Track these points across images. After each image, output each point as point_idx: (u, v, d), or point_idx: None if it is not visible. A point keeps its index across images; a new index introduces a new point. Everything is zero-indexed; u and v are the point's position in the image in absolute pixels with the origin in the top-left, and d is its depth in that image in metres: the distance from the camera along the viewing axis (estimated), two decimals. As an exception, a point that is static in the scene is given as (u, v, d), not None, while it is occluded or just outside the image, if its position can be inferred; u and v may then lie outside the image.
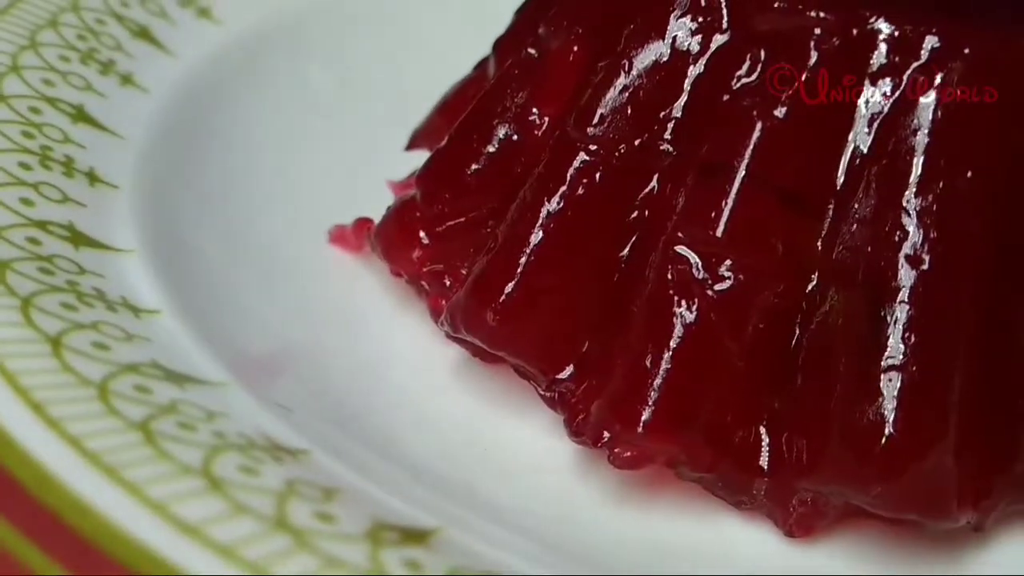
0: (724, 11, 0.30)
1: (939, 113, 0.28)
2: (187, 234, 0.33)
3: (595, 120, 0.31)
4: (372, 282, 0.36)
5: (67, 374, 0.24)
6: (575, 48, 0.33)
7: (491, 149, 0.34)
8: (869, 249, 0.28)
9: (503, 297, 0.31)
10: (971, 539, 0.29)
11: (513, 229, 0.31)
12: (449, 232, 0.34)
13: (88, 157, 0.34)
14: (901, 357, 0.28)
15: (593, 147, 0.31)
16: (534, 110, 0.33)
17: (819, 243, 0.29)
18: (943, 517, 0.28)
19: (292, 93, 0.41)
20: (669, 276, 0.29)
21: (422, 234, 0.34)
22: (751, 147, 0.29)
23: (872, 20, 0.29)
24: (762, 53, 0.30)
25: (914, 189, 0.28)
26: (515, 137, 0.33)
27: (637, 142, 0.31)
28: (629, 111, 0.31)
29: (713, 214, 0.29)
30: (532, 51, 0.34)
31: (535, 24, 0.34)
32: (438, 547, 0.23)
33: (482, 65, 0.37)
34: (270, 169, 0.38)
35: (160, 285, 0.29)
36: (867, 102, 0.29)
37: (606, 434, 0.29)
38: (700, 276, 0.29)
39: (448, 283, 0.33)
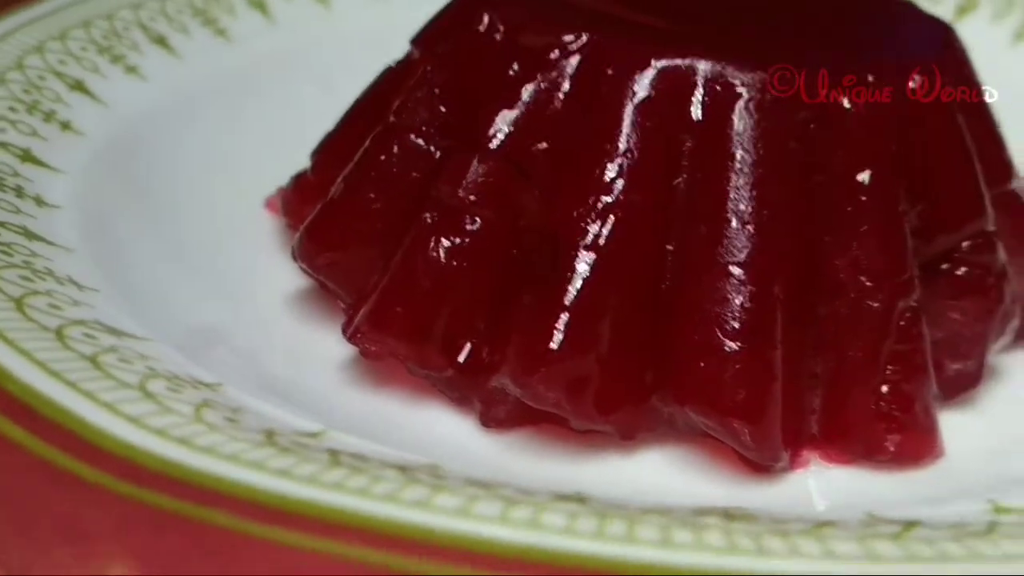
0: (500, 31, 0.40)
1: (620, 109, 0.37)
2: (126, 173, 0.45)
3: (406, 111, 0.41)
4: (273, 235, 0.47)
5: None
6: (417, 60, 0.43)
7: (357, 135, 0.44)
8: (561, 209, 0.37)
9: (323, 236, 0.41)
10: (620, 447, 0.37)
11: (339, 186, 0.42)
12: (324, 194, 0.45)
13: (70, 114, 0.45)
14: (570, 291, 0.36)
15: (401, 131, 0.41)
16: (388, 107, 0.44)
17: (535, 203, 0.38)
18: (581, 414, 0.36)
19: (278, 106, 0.53)
20: (424, 220, 0.39)
21: (309, 196, 0.45)
22: (495, 130, 0.38)
23: (588, 40, 0.38)
24: (520, 64, 0.39)
25: (592, 166, 0.37)
26: (372, 127, 0.44)
27: (430, 128, 0.40)
28: (428, 105, 0.40)
29: (461, 178, 0.38)
30: (396, 64, 0.45)
31: (412, 43, 0.45)
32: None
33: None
34: (225, 159, 0.49)
35: (71, 193, 0.41)
36: (578, 100, 0.37)
37: (359, 334, 0.39)
38: (444, 222, 0.38)
39: (319, 232, 0.44)
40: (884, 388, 0.37)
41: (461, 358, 0.37)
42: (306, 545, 0.24)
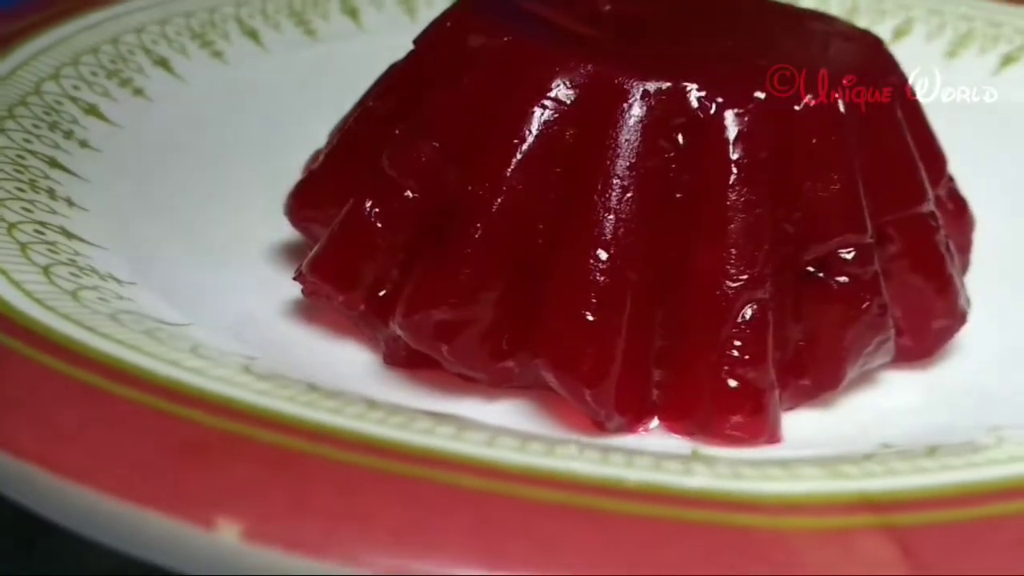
0: (455, 33, 0.46)
1: (520, 103, 0.42)
2: (181, 136, 0.53)
3: (379, 96, 0.48)
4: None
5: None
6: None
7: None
8: (467, 186, 0.43)
9: (302, 196, 0.48)
10: (484, 396, 0.42)
11: (322, 156, 0.49)
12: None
13: (146, 83, 0.55)
14: (455, 252, 0.42)
15: (371, 113, 0.48)
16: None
17: (453, 181, 0.44)
18: (449, 359, 0.41)
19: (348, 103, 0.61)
20: (364, 187, 0.45)
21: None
22: (431, 115, 0.45)
23: (505, 42, 0.43)
24: (460, 61, 0.45)
25: (492, 152, 0.42)
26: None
27: (391, 111, 0.47)
28: (394, 91, 0.47)
29: (397, 154, 0.45)
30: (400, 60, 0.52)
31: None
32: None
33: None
34: (284, 138, 0.55)
35: (119, 144, 0.50)
36: (492, 93, 0.43)
37: (301, 275, 0.45)
38: (377, 190, 0.45)
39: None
40: (723, 370, 0.40)
41: (371, 302, 0.44)
42: (120, 393, 0.32)
